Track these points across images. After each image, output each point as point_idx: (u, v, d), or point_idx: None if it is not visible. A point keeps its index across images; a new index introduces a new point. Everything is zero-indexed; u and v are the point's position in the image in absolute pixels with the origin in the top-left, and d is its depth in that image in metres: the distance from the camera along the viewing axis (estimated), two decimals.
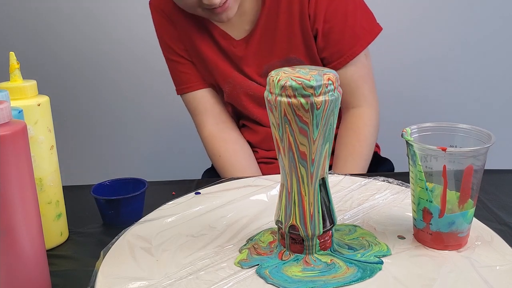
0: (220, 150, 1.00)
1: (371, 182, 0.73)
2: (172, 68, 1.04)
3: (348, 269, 0.50)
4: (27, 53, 1.63)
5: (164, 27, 1.00)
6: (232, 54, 0.97)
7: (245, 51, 0.96)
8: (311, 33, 0.92)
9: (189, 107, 1.05)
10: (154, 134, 1.79)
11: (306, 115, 0.47)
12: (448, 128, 0.55)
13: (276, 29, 0.93)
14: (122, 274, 0.51)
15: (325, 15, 0.91)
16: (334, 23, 0.91)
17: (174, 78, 1.04)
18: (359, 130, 0.96)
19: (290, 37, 0.93)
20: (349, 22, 0.92)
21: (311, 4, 0.90)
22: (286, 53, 0.94)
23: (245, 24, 0.95)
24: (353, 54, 0.93)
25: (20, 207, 0.47)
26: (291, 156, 0.49)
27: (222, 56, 0.98)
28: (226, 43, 0.96)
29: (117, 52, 1.70)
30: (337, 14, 0.91)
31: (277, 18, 0.92)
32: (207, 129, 1.02)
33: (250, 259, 0.53)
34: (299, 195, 0.51)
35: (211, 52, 0.98)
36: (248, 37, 0.95)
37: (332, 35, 0.92)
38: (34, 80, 0.62)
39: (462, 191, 0.52)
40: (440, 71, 1.68)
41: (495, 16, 1.63)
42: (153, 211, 0.65)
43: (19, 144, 0.47)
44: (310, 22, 0.91)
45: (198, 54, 0.99)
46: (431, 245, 0.54)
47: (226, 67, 0.98)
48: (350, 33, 0.92)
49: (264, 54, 0.95)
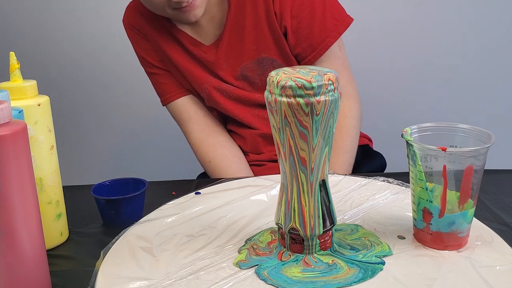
0: (209, 156, 1.00)
1: (371, 182, 0.73)
2: (153, 81, 1.05)
3: (350, 270, 0.50)
4: (27, 53, 1.63)
5: (138, 41, 1.02)
6: (204, 60, 0.97)
7: (216, 56, 0.96)
8: (280, 31, 0.92)
9: (174, 117, 1.06)
10: (154, 134, 1.79)
11: (306, 119, 0.47)
12: (448, 128, 0.55)
13: (244, 30, 0.92)
14: (122, 274, 0.51)
15: (291, 11, 0.90)
16: (301, 18, 0.91)
17: (156, 89, 1.06)
18: (340, 124, 0.94)
19: (259, 37, 0.93)
20: (317, 15, 0.91)
21: (276, 2, 0.90)
22: (256, 53, 0.94)
23: (215, 29, 0.95)
24: (325, 47, 0.92)
25: (20, 207, 0.47)
26: (292, 161, 0.49)
27: (194, 62, 0.98)
28: (196, 49, 0.97)
29: (117, 52, 1.70)
30: (304, 9, 0.91)
31: (243, 19, 0.92)
32: (194, 136, 1.02)
33: (249, 260, 0.53)
34: (299, 204, 0.51)
35: (184, 60, 0.98)
36: (217, 42, 0.95)
37: (302, 30, 0.91)
38: (34, 80, 0.62)
39: (462, 191, 0.52)
40: (440, 71, 1.68)
41: (495, 16, 1.63)
42: (153, 211, 0.65)
43: (19, 144, 0.47)
44: (277, 20, 0.91)
45: (172, 63, 1.00)
46: (431, 245, 0.54)
47: (199, 73, 0.98)
48: (320, 26, 0.91)
49: (235, 57, 0.95)
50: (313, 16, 0.91)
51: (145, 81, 1.73)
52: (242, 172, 0.97)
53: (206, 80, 0.98)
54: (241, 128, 1.02)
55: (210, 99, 1.00)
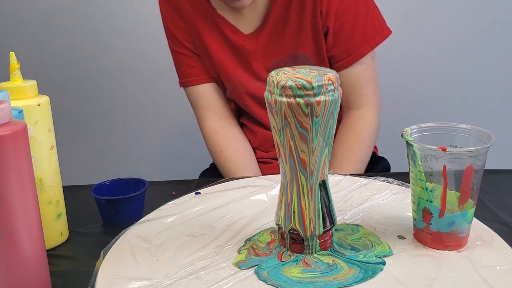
0: (221, 146, 0.99)
1: (371, 182, 0.73)
2: (177, 60, 1.03)
3: (350, 270, 0.50)
4: (27, 53, 1.64)
5: (173, 19, 1.00)
6: (242, 48, 0.96)
7: (255, 45, 0.95)
8: (322, 30, 0.92)
9: (191, 100, 1.04)
10: (154, 134, 1.79)
11: (306, 120, 0.47)
12: (448, 128, 0.55)
13: (287, 24, 0.93)
14: (122, 274, 0.51)
15: (336, 12, 0.91)
16: (344, 20, 0.91)
17: (179, 70, 1.03)
18: (359, 131, 0.95)
19: (300, 33, 0.93)
20: (360, 21, 0.92)
21: (324, 1, 0.90)
22: (294, 48, 0.94)
23: (255, 19, 0.95)
24: (361, 54, 0.93)
25: (20, 207, 0.47)
26: (292, 162, 0.49)
27: (229, 51, 0.97)
28: (236, 37, 0.96)
29: (118, 52, 1.70)
30: (348, 12, 0.91)
31: (288, 13, 0.92)
32: (209, 123, 1.01)
33: (248, 260, 0.53)
34: (299, 206, 0.51)
35: (218, 47, 0.97)
36: (257, 32, 0.95)
37: (342, 33, 0.92)
38: (34, 80, 0.62)
39: (462, 191, 0.52)
40: (440, 71, 1.68)
41: (495, 16, 1.63)
42: (153, 211, 0.65)
43: (19, 144, 0.47)
44: (322, 19, 0.91)
45: (204, 48, 0.98)
46: (431, 245, 0.54)
47: (231, 63, 0.98)
48: (360, 33, 0.92)
49: (273, 49, 0.95)
50: (355, 22, 0.92)
51: (145, 81, 1.73)
52: (251, 168, 0.97)
53: (235, 73, 0.98)
54: (254, 125, 1.03)
55: (233, 92, 1.00)
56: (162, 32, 1.05)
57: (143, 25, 1.66)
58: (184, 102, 1.78)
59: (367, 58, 0.94)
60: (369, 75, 0.96)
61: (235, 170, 0.95)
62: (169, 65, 1.71)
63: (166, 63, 1.69)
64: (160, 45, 1.68)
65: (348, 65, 0.94)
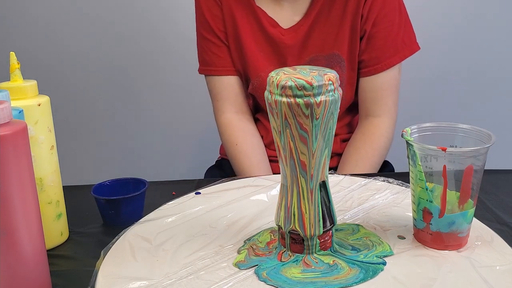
0: (237, 139, 0.98)
1: (371, 182, 0.73)
2: (204, 47, 1.00)
3: (351, 270, 0.50)
4: (27, 53, 1.63)
5: (209, 5, 0.98)
6: (280, 42, 0.95)
7: (294, 40, 0.95)
8: (359, 33, 0.93)
9: (212, 90, 1.03)
10: (154, 134, 1.79)
11: (306, 122, 0.47)
12: (448, 128, 0.55)
13: (327, 23, 0.93)
14: (122, 274, 0.51)
15: (376, 18, 0.92)
16: (380, 27, 0.93)
17: (203, 56, 1.01)
18: (375, 139, 0.96)
19: (339, 33, 0.94)
20: (394, 32, 0.94)
21: (367, 5, 0.91)
22: (331, 48, 0.95)
23: (293, 14, 0.95)
24: (389, 64, 0.95)
25: (20, 207, 0.47)
26: (292, 165, 0.49)
27: (265, 45, 0.97)
28: (275, 31, 0.95)
29: (117, 52, 1.70)
30: (386, 21, 0.93)
31: (329, 12, 0.93)
32: (226, 115, 1.00)
33: (248, 260, 0.53)
34: (299, 209, 0.51)
35: (253, 40, 0.96)
36: (297, 27, 0.95)
37: (376, 40, 0.94)
38: (35, 80, 0.62)
39: (462, 191, 0.52)
40: (440, 71, 1.68)
41: (495, 16, 1.63)
42: (153, 211, 0.65)
43: (19, 144, 0.47)
44: (361, 22, 0.93)
45: (237, 40, 0.97)
46: (431, 245, 0.54)
47: (263, 58, 0.97)
48: (392, 43, 0.94)
49: (310, 46, 0.95)
50: (390, 31, 0.93)
51: (145, 81, 1.73)
52: (263, 165, 0.97)
53: (265, 68, 0.97)
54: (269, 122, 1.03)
55: (257, 88, 0.99)
56: (162, 32, 1.05)
57: (144, 25, 1.66)
58: (185, 102, 1.79)
59: (395, 68, 0.96)
60: (394, 86, 0.98)
61: (249, 165, 0.95)
62: (169, 65, 1.72)
63: (166, 63, 1.70)
64: (160, 45, 1.68)
65: (375, 72, 0.95)
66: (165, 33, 1.66)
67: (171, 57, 1.69)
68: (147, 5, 1.64)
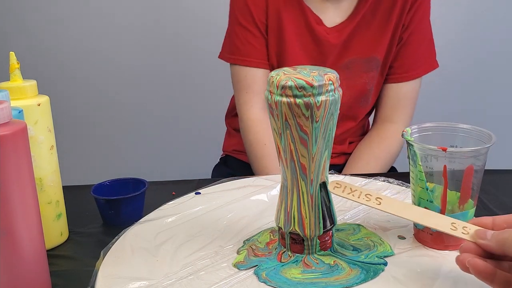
0: (266, 139, 0.94)
1: (372, 182, 0.73)
2: (239, 35, 0.97)
3: (352, 271, 0.50)
4: (27, 53, 1.63)
5: None
6: (324, 41, 0.95)
7: (338, 40, 0.95)
8: (397, 41, 0.96)
9: (240, 81, 0.98)
10: (154, 134, 1.79)
11: (306, 124, 0.46)
12: (448, 128, 0.55)
13: (371, 26, 0.94)
14: (122, 274, 0.51)
15: (413, 28, 0.95)
16: (413, 38, 0.96)
17: (236, 45, 0.97)
18: (390, 143, 0.98)
19: (381, 38, 0.95)
20: (424, 45, 0.98)
21: (409, 14, 0.94)
22: (371, 51, 0.96)
23: (337, 16, 0.96)
24: (416, 74, 0.98)
25: (20, 207, 0.47)
26: (293, 167, 0.49)
27: (308, 41, 0.96)
28: (320, 29, 0.95)
29: (118, 52, 1.70)
30: (420, 33, 0.97)
31: (374, 15, 0.94)
32: (255, 111, 0.97)
33: (247, 261, 0.53)
34: (299, 213, 0.51)
35: (296, 36, 0.95)
36: (341, 27, 0.95)
37: (408, 49, 0.97)
38: (34, 80, 0.61)
39: (462, 191, 0.52)
40: (440, 71, 1.67)
41: (495, 16, 1.63)
42: (153, 211, 0.65)
43: (19, 144, 0.47)
44: (401, 30, 0.95)
45: (279, 34, 0.95)
46: (431, 245, 0.54)
47: (303, 55, 0.96)
48: (421, 55, 0.98)
49: (352, 47, 0.96)
50: (421, 43, 0.98)
51: (146, 81, 1.73)
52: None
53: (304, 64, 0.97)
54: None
55: None
56: (163, 32, 1.04)
57: (144, 25, 1.66)
58: (185, 102, 1.78)
59: (417, 81, 0.99)
60: (414, 97, 1.01)
61: (275, 167, 0.91)
62: (169, 65, 1.72)
63: (166, 63, 1.70)
64: (161, 45, 1.68)
65: (402, 80, 0.98)
66: (164, 32, 1.66)
67: (171, 57, 1.69)
68: (148, 3, 1.64)
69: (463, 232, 0.44)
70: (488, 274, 0.40)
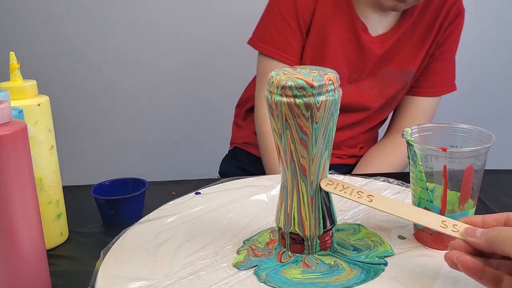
0: None
1: (371, 182, 0.73)
2: (278, 27, 0.94)
3: (352, 271, 0.50)
4: (27, 53, 1.63)
5: None
6: (369, 50, 0.95)
7: (381, 51, 0.95)
8: (430, 55, 0.98)
9: (265, 73, 0.97)
10: (154, 134, 1.79)
11: (306, 124, 0.46)
12: (448, 128, 0.55)
13: (410, 40, 0.96)
14: (122, 274, 0.51)
15: (446, 46, 0.98)
16: (445, 57, 0.99)
17: (271, 36, 0.95)
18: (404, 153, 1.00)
19: (418, 52, 0.97)
20: (451, 65, 1.01)
21: (446, 31, 0.96)
22: (407, 64, 0.97)
23: (380, 26, 0.96)
24: (440, 92, 1.01)
25: (20, 207, 0.47)
26: (293, 168, 0.49)
27: (352, 48, 0.95)
28: (366, 37, 0.95)
29: (118, 52, 1.70)
30: (450, 52, 0.99)
31: (414, 30, 0.95)
32: None
33: (247, 261, 0.53)
34: (299, 215, 0.51)
35: (342, 41, 0.94)
36: (383, 38, 0.96)
37: (437, 65, 0.99)
38: (34, 80, 0.62)
39: (462, 191, 0.52)
40: None
41: (495, 16, 1.63)
42: (153, 211, 0.65)
43: (19, 144, 0.47)
44: (435, 46, 0.97)
45: (322, 36, 0.94)
46: (431, 245, 0.54)
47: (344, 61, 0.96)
48: (446, 74, 1.01)
49: (391, 60, 0.97)
50: (447, 63, 1.01)
51: (146, 81, 1.73)
52: None
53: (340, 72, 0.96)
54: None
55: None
56: (163, 32, 1.04)
57: (145, 25, 1.66)
58: (185, 102, 1.78)
59: (439, 98, 1.02)
60: (432, 113, 1.03)
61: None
62: (169, 65, 1.72)
63: (167, 63, 1.70)
64: (161, 45, 1.68)
65: (425, 95, 1.01)
66: (164, 33, 1.66)
67: (172, 57, 1.69)
68: (149, 5, 1.64)
69: (453, 230, 0.45)
70: (476, 270, 0.41)
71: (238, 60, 1.62)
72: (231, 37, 1.61)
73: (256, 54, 1.00)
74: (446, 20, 0.96)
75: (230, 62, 1.65)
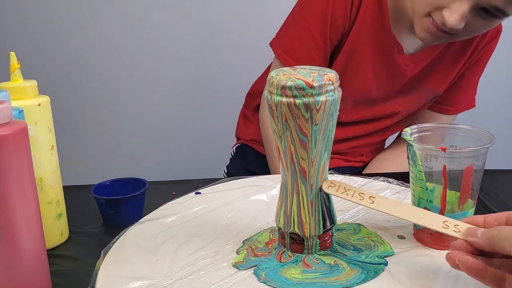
0: None
1: (371, 182, 0.73)
2: (302, 39, 0.89)
3: (352, 271, 0.50)
4: (28, 53, 1.63)
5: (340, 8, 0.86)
6: (401, 72, 0.92)
7: (412, 73, 0.93)
8: (460, 74, 0.97)
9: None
10: (154, 134, 1.79)
11: (305, 126, 0.46)
12: (448, 128, 0.56)
13: (442, 61, 0.94)
14: (122, 274, 0.51)
15: (477, 67, 0.97)
16: (472, 78, 0.98)
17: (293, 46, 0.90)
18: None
19: (448, 73, 0.96)
20: (476, 84, 1.01)
21: (480, 53, 0.95)
22: (436, 84, 0.96)
23: (410, 47, 0.92)
24: (457, 111, 1.01)
25: (20, 207, 0.47)
26: (293, 170, 0.49)
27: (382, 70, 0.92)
28: (400, 58, 0.91)
29: (118, 52, 1.70)
30: (478, 73, 0.99)
31: (448, 49, 0.93)
32: None
33: (246, 261, 0.53)
34: (298, 217, 0.51)
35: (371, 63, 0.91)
36: (418, 58, 0.92)
37: (463, 85, 0.99)
38: (35, 80, 0.62)
39: (462, 191, 0.52)
40: None
41: None
42: (153, 211, 0.65)
43: (19, 144, 0.47)
44: (466, 67, 0.96)
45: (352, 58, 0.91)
46: (431, 245, 0.54)
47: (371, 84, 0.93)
48: (468, 95, 1.00)
49: (421, 82, 0.96)
50: (474, 83, 1.01)
51: (146, 81, 1.73)
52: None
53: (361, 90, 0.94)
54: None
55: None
56: (163, 33, 1.04)
57: (144, 25, 1.66)
58: (185, 102, 1.78)
59: (456, 115, 1.02)
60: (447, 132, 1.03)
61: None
62: (170, 66, 1.72)
63: (167, 63, 1.70)
64: (161, 45, 1.68)
65: (446, 112, 1.01)
66: (164, 33, 1.66)
67: (172, 58, 1.69)
68: (149, 6, 1.64)
69: (454, 230, 0.45)
70: (478, 270, 0.41)
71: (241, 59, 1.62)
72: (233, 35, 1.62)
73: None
74: (483, 39, 0.93)
75: (232, 62, 1.65)
